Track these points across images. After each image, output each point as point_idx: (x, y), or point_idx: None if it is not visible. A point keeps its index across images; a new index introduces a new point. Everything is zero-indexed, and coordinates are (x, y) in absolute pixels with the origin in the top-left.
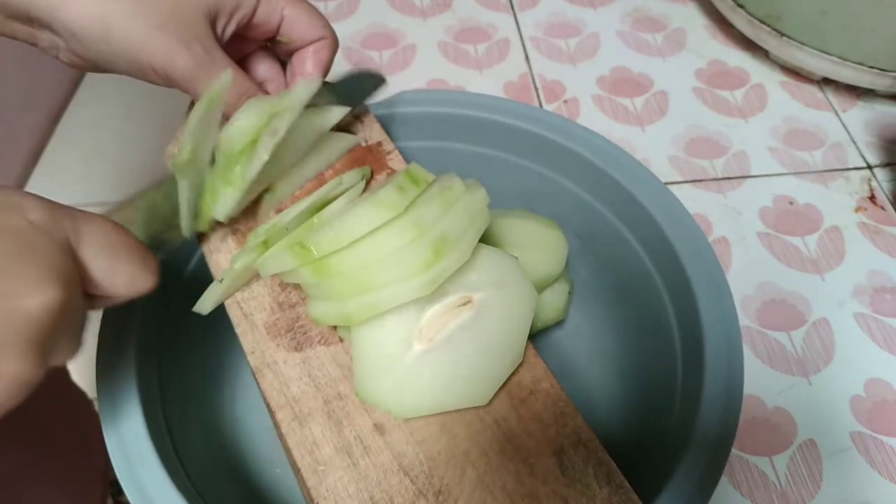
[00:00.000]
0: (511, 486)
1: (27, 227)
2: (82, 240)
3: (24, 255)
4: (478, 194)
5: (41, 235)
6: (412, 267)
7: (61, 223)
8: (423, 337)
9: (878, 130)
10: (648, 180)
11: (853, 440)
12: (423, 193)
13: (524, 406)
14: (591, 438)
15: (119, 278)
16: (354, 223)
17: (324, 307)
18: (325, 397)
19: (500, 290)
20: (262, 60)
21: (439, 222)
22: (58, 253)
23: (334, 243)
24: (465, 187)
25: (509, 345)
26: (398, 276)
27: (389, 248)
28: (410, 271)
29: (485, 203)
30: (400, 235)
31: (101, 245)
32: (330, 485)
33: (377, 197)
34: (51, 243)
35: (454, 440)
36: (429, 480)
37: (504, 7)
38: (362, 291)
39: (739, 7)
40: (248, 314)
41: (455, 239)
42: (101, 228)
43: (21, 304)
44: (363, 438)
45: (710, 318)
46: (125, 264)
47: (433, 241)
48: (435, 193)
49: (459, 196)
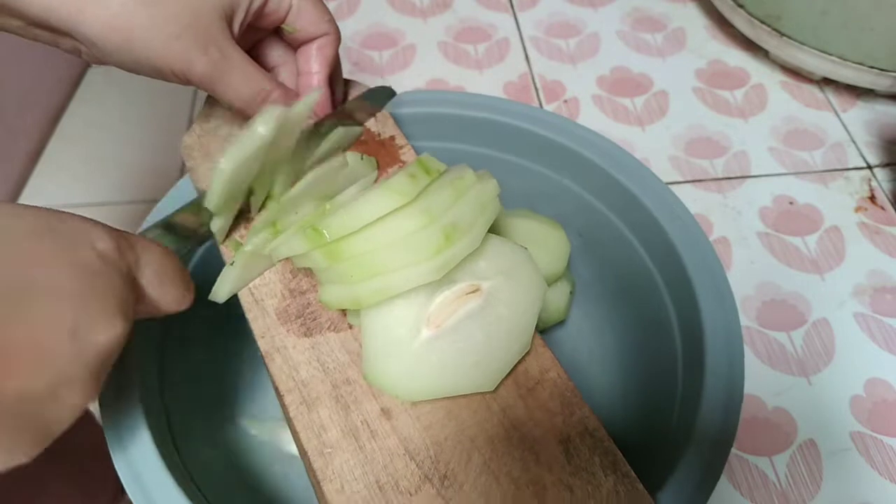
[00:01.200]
0: (517, 473)
1: (96, 260)
2: (142, 267)
3: (96, 290)
4: (489, 184)
5: (109, 267)
6: (423, 252)
7: (125, 253)
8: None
9: (878, 130)
10: (650, 180)
11: (853, 440)
12: (435, 182)
13: (531, 395)
14: (598, 428)
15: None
16: (366, 208)
17: (334, 291)
18: (333, 382)
19: (509, 279)
20: (273, 46)
21: (450, 210)
22: (123, 285)
23: (346, 227)
24: (476, 177)
25: (517, 333)
26: (408, 260)
27: (400, 233)
28: (421, 256)
29: (495, 193)
30: (411, 221)
31: (157, 272)
32: (336, 467)
33: (389, 183)
34: (117, 275)
35: (461, 426)
36: (434, 465)
37: (504, 7)
38: (372, 275)
39: (739, 7)
40: (259, 300)
41: (466, 226)
42: (157, 256)
43: (94, 339)
44: (370, 423)
45: (711, 317)
46: (174, 287)
47: (444, 228)
48: (446, 182)
49: (470, 185)
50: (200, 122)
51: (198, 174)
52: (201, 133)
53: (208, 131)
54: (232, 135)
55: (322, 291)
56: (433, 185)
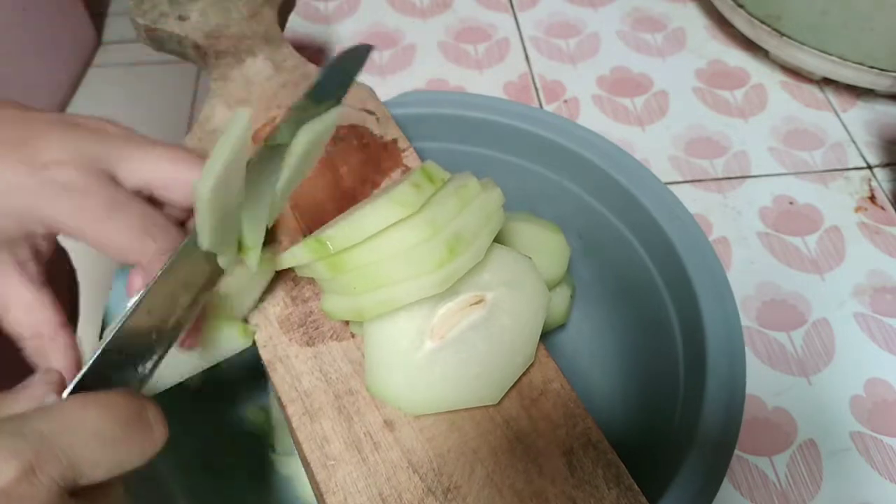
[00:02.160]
0: (520, 486)
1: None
2: (76, 454)
3: None
4: (493, 194)
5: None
6: (426, 265)
7: (42, 469)
8: (434, 335)
9: (878, 130)
10: (649, 181)
11: (853, 440)
12: (439, 192)
13: (535, 406)
14: (601, 440)
15: (120, 458)
16: (370, 219)
17: (337, 301)
18: (335, 392)
19: (512, 290)
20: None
21: (454, 221)
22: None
23: (349, 238)
24: (481, 186)
25: (521, 345)
26: (412, 273)
27: (404, 246)
28: (424, 269)
29: (500, 203)
30: (415, 233)
31: (97, 437)
32: (339, 480)
33: (393, 194)
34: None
35: (464, 438)
36: (438, 478)
37: (504, 7)
38: (376, 287)
39: (739, 7)
40: (261, 307)
41: (470, 238)
42: (91, 422)
43: None
44: (373, 434)
45: (712, 318)
46: (127, 443)
47: (448, 240)
48: (450, 192)
49: (475, 195)
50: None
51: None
52: (201, 136)
53: (209, 134)
54: None
55: (325, 300)
56: (437, 194)
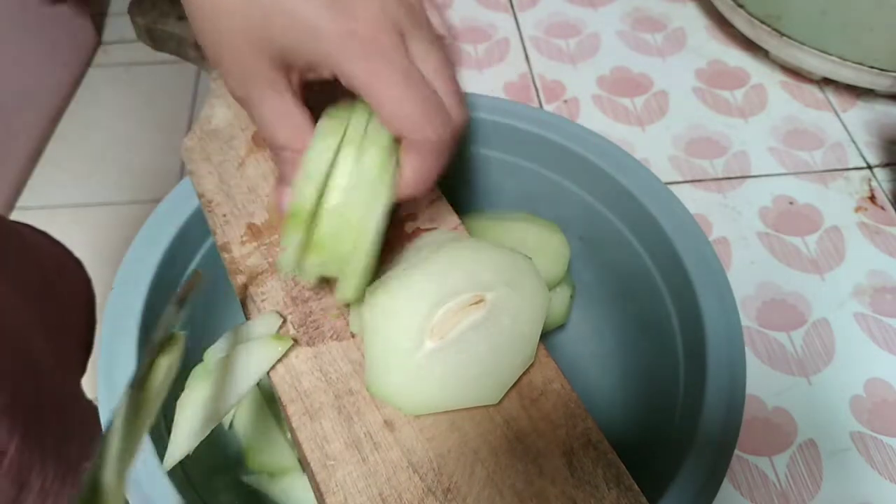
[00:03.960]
0: (520, 486)
1: None
2: None
3: None
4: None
5: None
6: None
7: None
8: (434, 334)
9: (878, 130)
10: (649, 181)
11: (853, 440)
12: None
13: (535, 406)
14: (601, 440)
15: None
16: (316, 160)
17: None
18: (335, 392)
19: (513, 290)
20: None
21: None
22: None
23: (311, 185)
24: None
25: (521, 345)
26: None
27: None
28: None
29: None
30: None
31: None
32: (339, 480)
33: (322, 128)
34: None
35: (464, 438)
36: (438, 478)
37: (504, 7)
38: (351, 228)
39: (739, 7)
40: (261, 309)
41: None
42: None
43: None
44: (373, 434)
45: (712, 318)
46: None
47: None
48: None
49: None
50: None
51: (198, 177)
52: (202, 135)
53: (209, 133)
54: (234, 137)
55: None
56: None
